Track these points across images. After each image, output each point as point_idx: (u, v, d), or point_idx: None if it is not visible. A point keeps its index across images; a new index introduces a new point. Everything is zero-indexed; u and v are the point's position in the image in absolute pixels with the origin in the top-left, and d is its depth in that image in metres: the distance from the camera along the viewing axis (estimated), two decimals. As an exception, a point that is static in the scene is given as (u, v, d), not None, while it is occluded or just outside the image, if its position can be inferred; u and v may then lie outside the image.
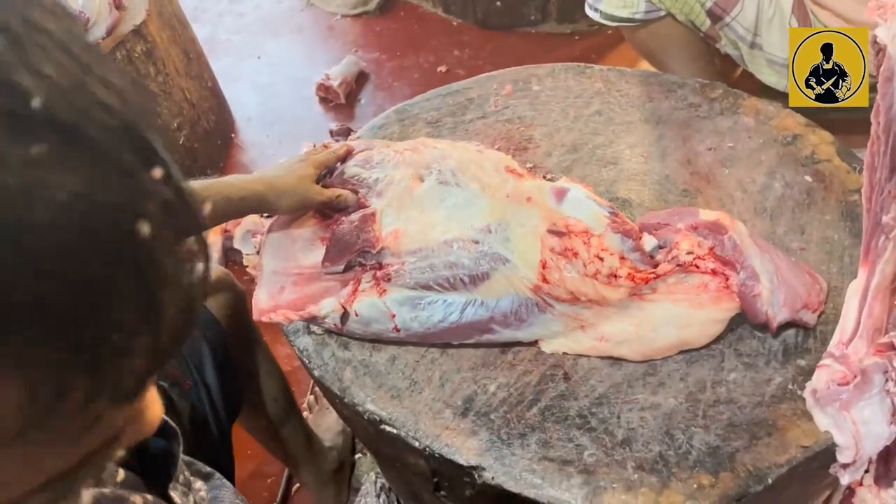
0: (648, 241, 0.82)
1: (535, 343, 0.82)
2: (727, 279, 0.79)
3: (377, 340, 0.84)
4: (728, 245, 0.79)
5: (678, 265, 0.80)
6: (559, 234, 0.81)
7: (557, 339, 0.82)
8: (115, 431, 0.29)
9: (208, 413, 0.94)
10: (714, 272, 0.79)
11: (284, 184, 0.89)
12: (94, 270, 0.24)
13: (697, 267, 0.79)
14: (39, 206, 0.22)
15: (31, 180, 0.22)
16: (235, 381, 1.02)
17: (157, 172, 0.26)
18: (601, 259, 0.79)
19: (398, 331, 0.82)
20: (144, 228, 0.25)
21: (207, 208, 0.79)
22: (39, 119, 0.23)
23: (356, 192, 0.92)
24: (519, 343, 0.82)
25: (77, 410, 0.25)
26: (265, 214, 1.78)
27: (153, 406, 0.34)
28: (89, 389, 0.25)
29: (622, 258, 0.79)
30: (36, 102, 0.23)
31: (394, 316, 0.81)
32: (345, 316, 0.82)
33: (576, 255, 0.80)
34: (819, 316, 0.81)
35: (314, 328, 0.86)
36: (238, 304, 1.04)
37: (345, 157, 0.98)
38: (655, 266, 0.80)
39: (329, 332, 0.86)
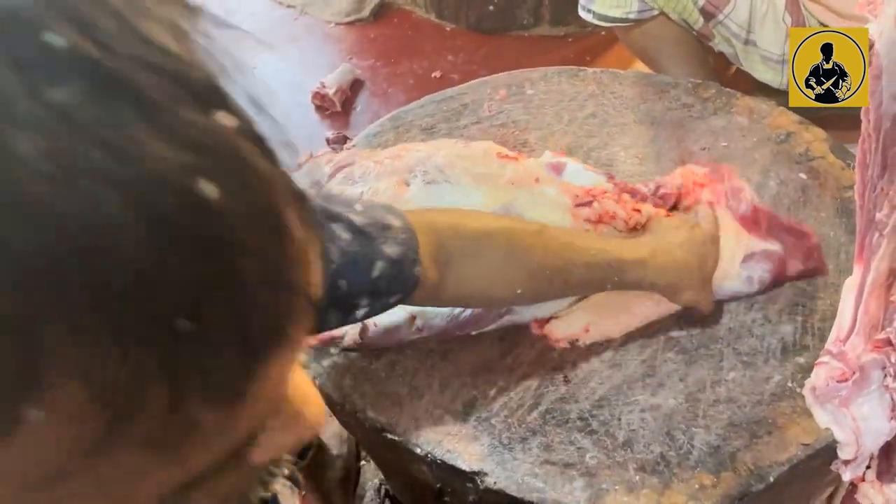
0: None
1: (534, 346, 0.83)
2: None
3: (398, 344, 0.83)
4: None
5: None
6: (587, 203, 0.81)
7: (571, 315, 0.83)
8: (239, 436, 0.25)
9: None
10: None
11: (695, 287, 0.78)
12: (147, 244, 0.20)
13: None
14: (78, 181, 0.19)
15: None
16: None
17: (224, 118, 0.22)
18: (639, 211, 0.82)
19: (421, 331, 0.81)
20: (210, 189, 0.21)
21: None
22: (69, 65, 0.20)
23: None
24: (519, 347, 0.83)
25: (162, 414, 0.21)
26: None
27: (310, 405, 0.29)
28: (168, 389, 0.21)
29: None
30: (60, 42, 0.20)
31: (414, 318, 0.81)
32: (364, 329, 0.82)
33: (613, 217, 0.81)
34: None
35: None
36: None
37: None
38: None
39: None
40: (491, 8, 2.22)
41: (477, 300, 0.76)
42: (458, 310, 0.80)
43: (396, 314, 0.81)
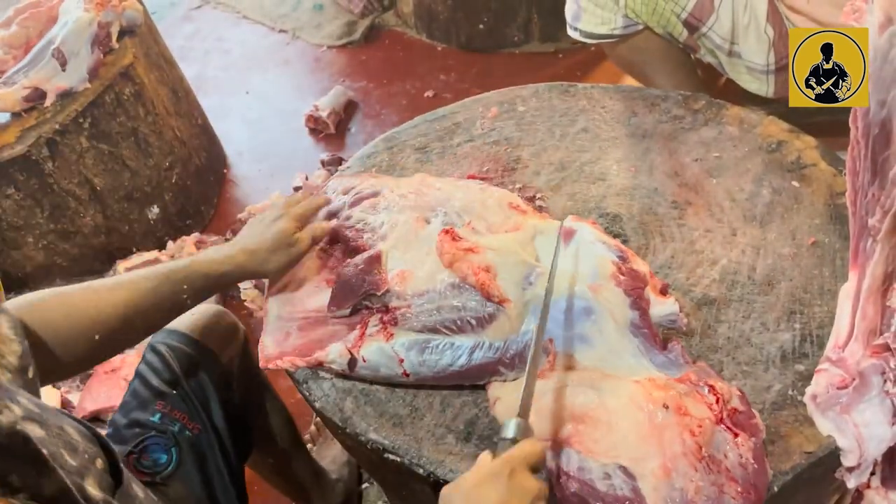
0: (661, 306, 0.81)
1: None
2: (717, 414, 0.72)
3: (390, 384, 0.83)
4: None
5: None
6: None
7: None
8: None
9: (220, 458, 0.93)
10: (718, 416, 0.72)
11: (265, 247, 0.89)
12: None
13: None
14: None
15: None
16: (244, 421, 1.01)
17: None
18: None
19: (407, 375, 0.81)
20: None
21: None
22: None
23: (361, 236, 0.93)
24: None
25: None
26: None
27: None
28: None
29: None
30: None
31: (402, 361, 0.81)
32: (352, 362, 0.82)
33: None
34: None
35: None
36: (239, 340, 1.04)
37: (323, 206, 0.98)
38: (663, 344, 0.79)
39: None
40: (481, 26, 2.24)
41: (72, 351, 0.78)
42: (443, 363, 0.80)
43: (385, 353, 0.81)
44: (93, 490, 0.54)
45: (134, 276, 0.83)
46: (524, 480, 0.62)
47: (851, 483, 0.72)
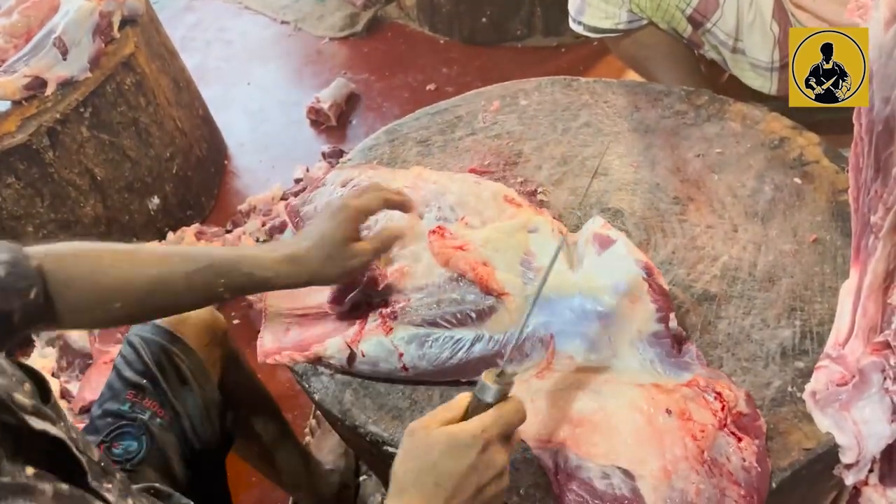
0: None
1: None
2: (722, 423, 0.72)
3: (388, 380, 0.83)
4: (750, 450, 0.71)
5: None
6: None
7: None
8: None
9: (195, 445, 0.93)
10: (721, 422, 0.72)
11: (317, 258, 0.79)
12: None
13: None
14: None
15: None
16: (223, 411, 1.01)
17: None
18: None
19: (406, 370, 0.81)
20: None
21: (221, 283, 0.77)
22: None
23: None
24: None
25: None
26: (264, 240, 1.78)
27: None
28: None
29: None
30: None
31: (402, 355, 0.81)
32: (351, 356, 0.82)
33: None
34: None
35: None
36: (216, 331, 1.03)
37: (400, 205, 0.85)
38: (678, 345, 0.78)
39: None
40: (484, 20, 2.24)
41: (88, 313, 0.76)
42: (443, 356, 0.80)
43: (384, 347, 0.81)
44: (22, 399, 0.56)
45: (174, 253, 0.79)
46: (494, 454, 0.60)
47: (849, 480, 0.72)
